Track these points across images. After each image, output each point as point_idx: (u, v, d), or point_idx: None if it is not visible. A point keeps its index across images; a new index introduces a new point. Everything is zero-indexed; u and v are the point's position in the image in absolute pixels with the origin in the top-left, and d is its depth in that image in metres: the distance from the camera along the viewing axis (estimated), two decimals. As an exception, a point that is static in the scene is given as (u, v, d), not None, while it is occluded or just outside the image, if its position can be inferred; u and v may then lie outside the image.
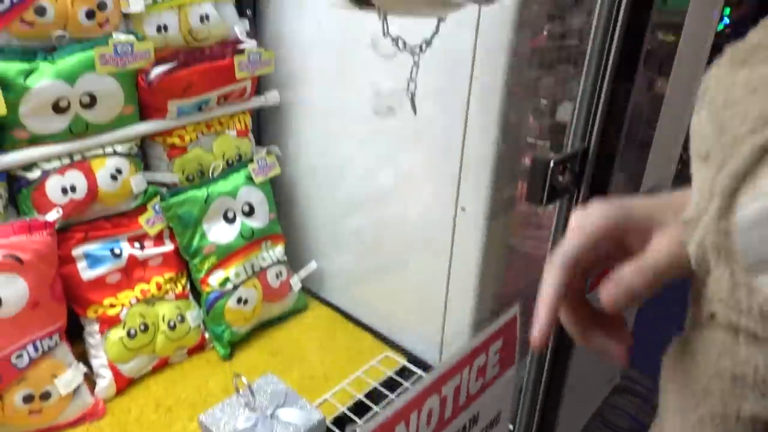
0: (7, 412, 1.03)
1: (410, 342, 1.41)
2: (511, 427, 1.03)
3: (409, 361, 1.35)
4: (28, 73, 1.04)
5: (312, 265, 1.56)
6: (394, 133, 1.25)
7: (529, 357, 1.04)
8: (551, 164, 0.96)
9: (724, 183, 0.32)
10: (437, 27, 0.84)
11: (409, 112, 1.25)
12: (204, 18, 1.27)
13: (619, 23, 0.99)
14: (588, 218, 0.42)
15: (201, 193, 1.31)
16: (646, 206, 0.41)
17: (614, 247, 0.42)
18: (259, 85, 1.46)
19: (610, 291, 0.39)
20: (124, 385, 1.23)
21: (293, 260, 1.55)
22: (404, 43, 0.81)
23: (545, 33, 1.24)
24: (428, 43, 0.85)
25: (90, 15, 1.11)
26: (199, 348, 1.36)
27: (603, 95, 1.02)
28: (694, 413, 0.37)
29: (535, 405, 1.07)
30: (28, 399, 1.05)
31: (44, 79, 1.05)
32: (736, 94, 0.33)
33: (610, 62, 1.01)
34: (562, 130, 1.07)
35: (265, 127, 1.57)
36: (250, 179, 1.41)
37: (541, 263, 0.98)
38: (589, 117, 1.04)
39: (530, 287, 0.97)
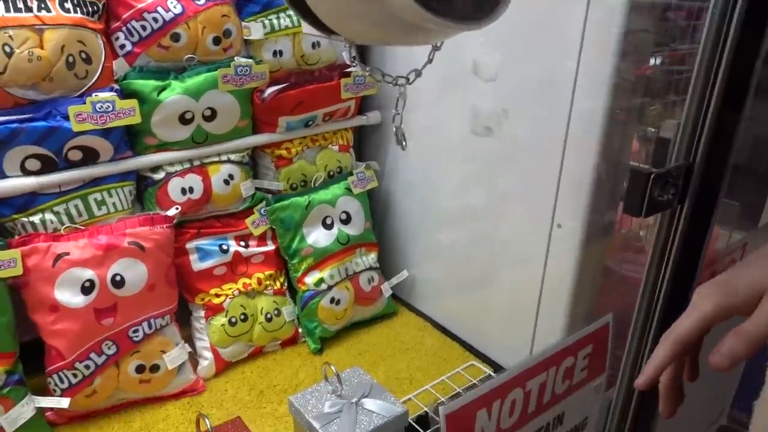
0: (122, 379, 1.11)
1: (497, 353, 1.35)
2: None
3: (495, 371, 1.30)
4: (161, 90, 1.13)
5: (403, 274, 1.53)
6: (490, 154, 1.21)
7: (616, 387, 0.92)
8: (651, 177, 0.87)
9: None
10: (430, 56, 0.75)
11: (506, 132, 1.18)
12: (315, 44, 1.32)
13: (726, 50, 0.86)
14: (702, 303, 0.46)
15: (303, 200, 1.34)
16: (752, 281, 0.44)
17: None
18: (362, 105, 1.47)
19: (716, 359, 0.43)
20: (223, 367, 1.28)
21: (385, 268, 1.54)
22: (389, 76, 0.72)
23: (652, 62, 1.12)
24: (418, 74, 0.76)
25: (216, 41, 1.18)
26: (292, 341, 1.38)
27: (710, 116, 0.89)
28: None
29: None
30: (140, 369, 1.13)
31: (174, 95, 1.14)
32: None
33: (717, 87, 0.88)
34: (666, 145, 0.95)
35: (365, 143, 1.58)
36: (348, 190, 1.42)
37: (638, 287, 0.86)
38: (694, 135, 0.91)
39: (625, 310, 0.86)
